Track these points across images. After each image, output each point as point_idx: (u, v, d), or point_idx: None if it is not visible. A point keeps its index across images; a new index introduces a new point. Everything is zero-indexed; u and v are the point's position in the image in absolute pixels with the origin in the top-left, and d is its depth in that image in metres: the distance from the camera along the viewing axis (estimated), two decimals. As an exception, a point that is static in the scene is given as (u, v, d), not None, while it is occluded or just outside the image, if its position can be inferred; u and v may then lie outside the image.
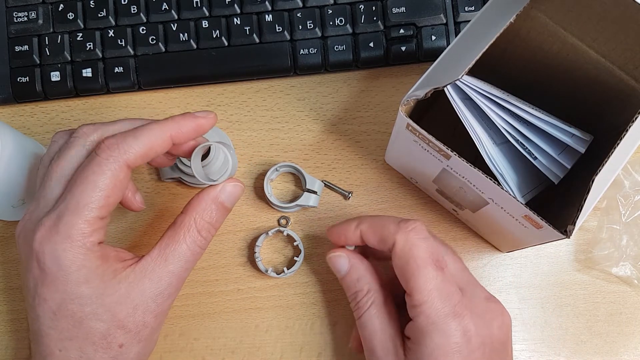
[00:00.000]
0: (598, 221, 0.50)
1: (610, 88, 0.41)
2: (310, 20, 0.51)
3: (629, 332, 0.48)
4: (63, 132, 0.41)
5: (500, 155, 0.40)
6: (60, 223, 0.36)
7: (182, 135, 0.40)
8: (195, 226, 0.40)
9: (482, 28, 0.39)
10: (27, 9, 0.51)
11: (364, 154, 0.51)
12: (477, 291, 0.41)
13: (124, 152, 0.37)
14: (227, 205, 0.41)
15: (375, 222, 0.42)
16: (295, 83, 0.52)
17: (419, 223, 0.40)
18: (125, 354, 0.39)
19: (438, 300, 0.38)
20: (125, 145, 0.37)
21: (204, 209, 0.40)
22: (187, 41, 0.51)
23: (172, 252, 0.39)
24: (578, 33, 0.40)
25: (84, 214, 0.36)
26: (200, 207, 0.40)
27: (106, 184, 0.37)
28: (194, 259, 0.40)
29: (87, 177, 0.37)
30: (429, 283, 0.38)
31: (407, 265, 0.38)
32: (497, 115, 0.39)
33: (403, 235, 0.39)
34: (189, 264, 0.40)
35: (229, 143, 0.50)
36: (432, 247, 0.39)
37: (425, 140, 0.38)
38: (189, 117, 0.40)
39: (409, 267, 0.38)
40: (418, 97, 0.36)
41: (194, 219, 0.40)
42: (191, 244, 0.40)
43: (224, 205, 0.41)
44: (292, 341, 0.48)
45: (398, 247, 0.39)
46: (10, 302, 0.49)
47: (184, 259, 0.39)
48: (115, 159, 0.37)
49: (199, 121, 0.40)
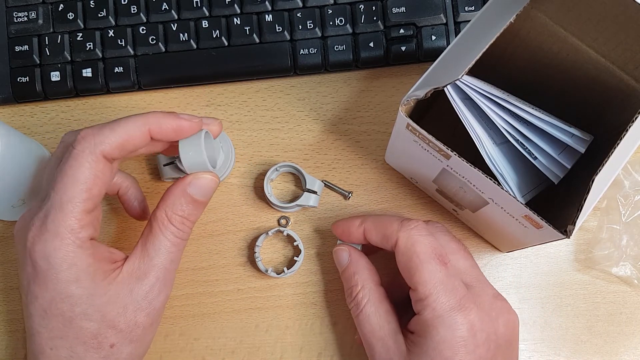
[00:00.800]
0: (598, 221, 0.50)
1: (610, 88, 0.41)
2: (310, 20, 0.51)
3: (629, 332, 0.48)
4: (72, 132, 0.41)
5: (500, 155, 0.40)
6: (47, 221, 0.36)
7: (161, 133, 0.39)
8: (167, 219, 0.39)
9: (482, 28, 0.39)
10: (27, 9, 0.51)
11: (364, 154, 0.51)
12: (484, 288, 0.41)
13: (100, 142, 0.37)
14: (197, 198, 0.40)
15: (378, 220, 0.43)
16: (295, 83, 0.52)
17: (421, 222, 0.41)
18: (117, 354, 0.39)
19: (443, 293, 0.38)
20: (101, 136, 0.37)
21: (173, 203, 0.40)
22: (187, 41, 0.51)
23: (152, 246, 0.39)
24: (578, 33, 0.40)
25: (69, 209, 0.36)
26: (170, 200, 0.40)
27: (85, 176, 0.37)
28: (177, 250, 0.40)
29: (66, 172, 0.37)
30: (433, 276, 0.39)
31: (410, 261, 0.39)
32: (497, 115, 0.39)
33: (405, 233, 0.40)
34: (173, 255, 0.40)
35: (227, 141, 0.50)
36: (434, 243, 0.40)
37: (425, 140, 0.37)
38: (172, 116, 0.39)
39: (412, 263, 0.39)
40: (418, 97, 0.36)
41: (164, 212, 0.39)
42: (169, 235, 0.39)
43: (193, 199, 0.40)
44: (292, 341, 0.48)
45: (401, 244, 0.40)
46: (9, 302, 0.49)
47: (166, 250, 0.39)
48: (91, 150, 0.37)
49: (181, 123, 0.39)
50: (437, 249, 0.40)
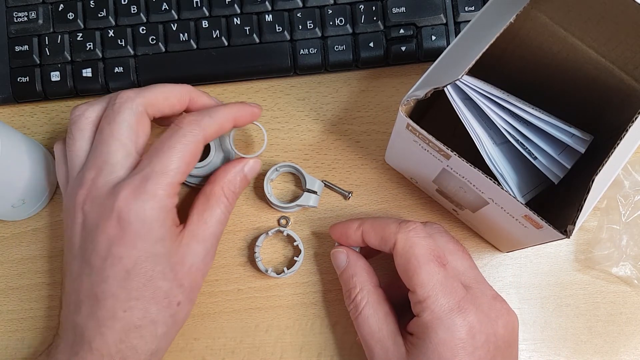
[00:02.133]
0: (598, 221, 0.50)
1: (611, 88, 0.41)
2: (310, 20, 0.51)
3: (629, 332, 0.48)
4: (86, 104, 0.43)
5: (500, 155, 0.40)
6: (148, 183, 0.39)
7: (242, 120, 0.44)
8: (223, 194, 0.44)
9: (482, 28, 0.39)
10: (27, 9, 0.51)
11: (364, 154, 0.51)
12: (483, 289, 0.41)
13: (204, 128, 0.41)
14: (249, 177, 0.46)
15: (376, 223, 0.43)
16: (295, 83, 0.52)
17: (419, 224, 0.41)
18: (181, 313, 0.42)
19: (442, 295, 0.38)
20: (204, 122, 0.41)
21: (230, 180, 0.44)
22: (187, 41, 0.51)
23: (209, 216, 0.43)
24: (578, 33, 0.40)
25: (170, 176, 0.40)
26: (227, 178, 0.44)
27: (190, 152, 0.40)
28: (226, 221, 0.44)
29: (174, 146, 0.40)
30: (431, 278, 0.39)
31: (409, 264, 0.39)
32: (497, 115, 0.39)
33: (403, 235, 0.40)
34: (222, 225, 0.44)
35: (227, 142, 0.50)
36: (432, 245, 0.40)
37: (425, 140, 0.37)
38: (247, 106, 0.45)
39: (410, 265, 0.39)
40: (418, 97, 0.36)
41: (222, 187, 0.44)
42: (223, 208, 0.43)
43: (246, 178, 0.45)
44: (292, 341, 0.48)
45: (399, 246, 0.40)
46: (10, 302, 0.49)
47: (219, 221, 0.43)
48: (197, 133, 0.41)
49: (254, 110, 0.45)
50: (435, 251, 0.40)
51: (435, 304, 0.38)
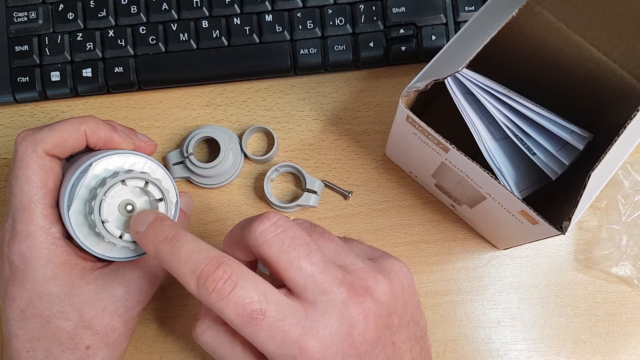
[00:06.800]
0: (598, 221, 0.50)
1: (611, 86, 0.41)
2: (310, 20, 0.51)
3: (629, 332, 0.48)
4: None
5: (499, 150, 0.40)
6: (16, 225, 0.37)
7: (95, 139, 0.40)
8: None
9: (484, 23, 0.39)
10: (27, 9, 0.51)
11: (364, 154, 0.51)
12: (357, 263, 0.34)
13: (40, 140, 0.38)
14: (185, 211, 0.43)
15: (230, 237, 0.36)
16: (295, 83, 0.52)
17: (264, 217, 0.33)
18: (92, 357, 0.39)
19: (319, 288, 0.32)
20: (40, 134, 0.38)
21: None
22: (187, 41, 0.51)
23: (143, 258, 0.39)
24: (581, 30, 0.41)
25: (32, 207, 0.37)
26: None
27: (37, 173, 0.38)
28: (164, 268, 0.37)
29: (18, 174, 0.38)
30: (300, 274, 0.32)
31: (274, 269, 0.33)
32: (497, 109, 0.39)
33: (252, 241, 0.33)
34: (158, 268, 0.40)
35: (236, 142, 0.50)
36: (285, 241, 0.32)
37: (424, 132, 0.38)
38: (108, 127, 0.40)
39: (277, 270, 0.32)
40: (418, 88, 0.36)
41: None
42: None
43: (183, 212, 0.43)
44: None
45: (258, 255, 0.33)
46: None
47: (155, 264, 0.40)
48: (34, 148, 0.38)
49: (114, 136, 0.40)
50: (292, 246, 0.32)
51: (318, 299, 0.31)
